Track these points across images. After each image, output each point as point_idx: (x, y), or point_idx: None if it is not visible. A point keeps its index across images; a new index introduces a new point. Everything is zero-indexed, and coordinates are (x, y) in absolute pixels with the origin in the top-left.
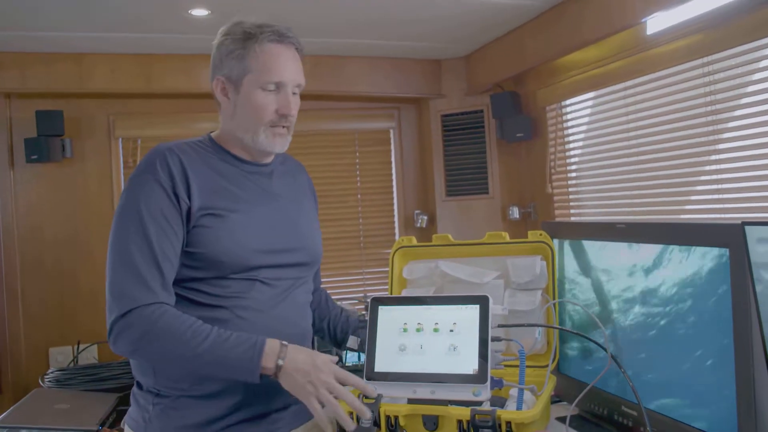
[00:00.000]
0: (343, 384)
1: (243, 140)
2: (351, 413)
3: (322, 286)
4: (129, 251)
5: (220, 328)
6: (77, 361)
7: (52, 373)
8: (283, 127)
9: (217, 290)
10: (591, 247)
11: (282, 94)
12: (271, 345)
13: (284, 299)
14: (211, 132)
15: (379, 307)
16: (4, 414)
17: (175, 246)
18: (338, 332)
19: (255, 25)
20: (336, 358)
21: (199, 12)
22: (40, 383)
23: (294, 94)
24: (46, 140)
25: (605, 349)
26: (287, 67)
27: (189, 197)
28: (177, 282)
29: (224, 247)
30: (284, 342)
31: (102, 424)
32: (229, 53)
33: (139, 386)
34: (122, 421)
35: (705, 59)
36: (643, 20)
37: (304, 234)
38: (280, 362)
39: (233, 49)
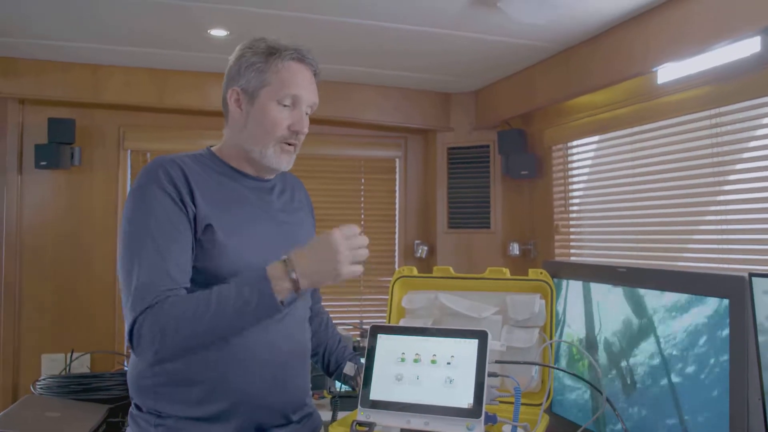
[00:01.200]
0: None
1: (250, 153)
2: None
3: (324, 308)
4: (139, 259)
5: (223, 286)
6: (70, 370)
7: (44, 380)
8: (291, 144)
9: None
10: (590, 288)
11: (296, 110)
12: (274, 272)
13: (285, 315)
14: (211, 146)
15: (379, 335)
16: None
17: (185, 251)
18: (332, 362)
19: (278, 43)
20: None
21: (218, 32)
22: (32, 390)
23: (306, 114)
24: (57, 147)
25: (600, 392)
26: (305, 86)
27: (194, 204)
28: None
29: (225, 262)
30: (284, 257)
31: None
32: (249, 65)
33: (138, 408)
34: None
35: (713, 111)
36: (654, 69)
37: None
38: (294, 276)
39: (254, 62)
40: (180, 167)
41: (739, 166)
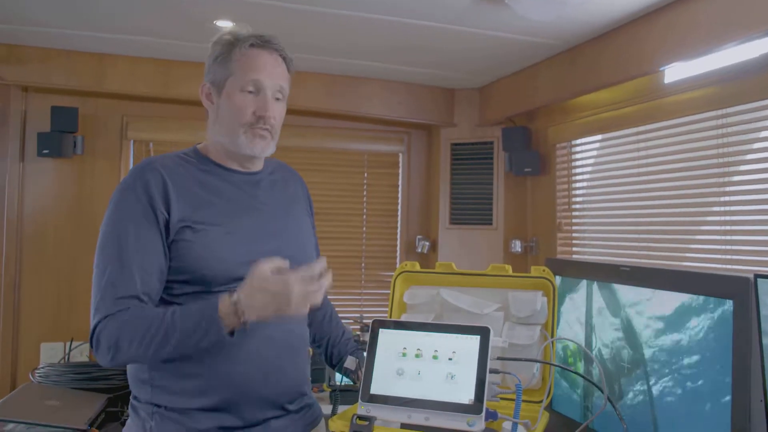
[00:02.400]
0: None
1: (225, 145)
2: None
3: (329, 300)
4: (104, 266)
5: (176, 311)
6: (69, 358)
7: (43, 368)
8: (265, 129)
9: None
10: (594, 287)
11: (261, 95)
12: (224, 308)
13: None
14: (198, 144)
15: (380, 329)
16: None
17: (154, 257)
18: (335, 354)
19: (240, 33)
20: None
21: (224, 23)
22: (30, 378)
23: (278, 99)
24: (59, 136)
25: (601, 390)
26: (266, 70)
27: (168, 211)
28: (168, 297)
29: (206, 260)
30: (233, 296)
31: (91, 424)
32: (214, 59)
33: (137, 399)
34: None
35: (719, 111)
36: (662, 69)
37: (292, 242)
38: (243, 320)
39: (218, 54)
40: (160, 173)
41: (744, 167)
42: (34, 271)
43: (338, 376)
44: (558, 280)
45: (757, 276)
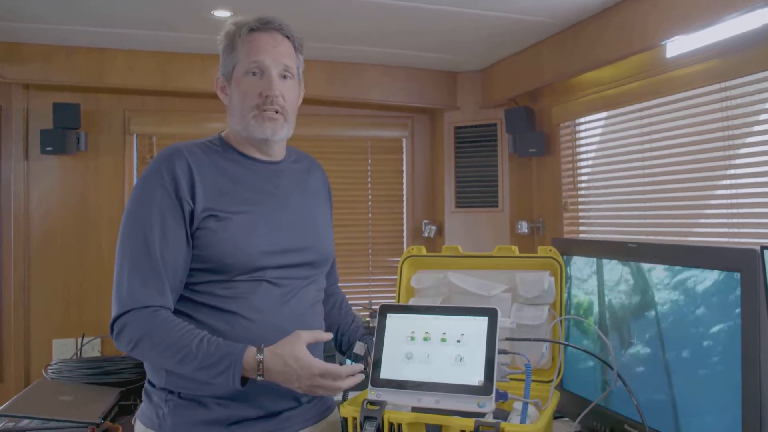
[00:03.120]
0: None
1: (241, 133)
2: (355, 418)
3: (340, 288)
4: (131, 254)
5: (204, 340)
6: (81, 354)
7: (55, 364)
8: (276, 112)
9: (226, 292)
10: (601, 265)
11: (265, 76)
12: (248, 362)
13: (292, 298)
14: (222, 132)
15: (388, 314)
16: (7, 403)
17: (178, 250)
18: (344, 341)
19: (240, 19)
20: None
21: (222, 13)
22: (43, 374)
23: (285, 77)
24: (62, 132)
25: (611, 367)
26: (266, 50)
27: (193, 199)
28: (187, 285)
29: (229, 249)
30: (260, 356)
31: (104, 418)
32: (222, 51)
33: (152, 384)
34: (133, 417)
35: (722, 84)
36: (663, 43)
37: (312, 233)
38: (260, 378)
39: (224, 46)
40: (186, 159)
41: (749, 140)
42: (43, 269)
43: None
44: (566, 259)
45: (764, 247)
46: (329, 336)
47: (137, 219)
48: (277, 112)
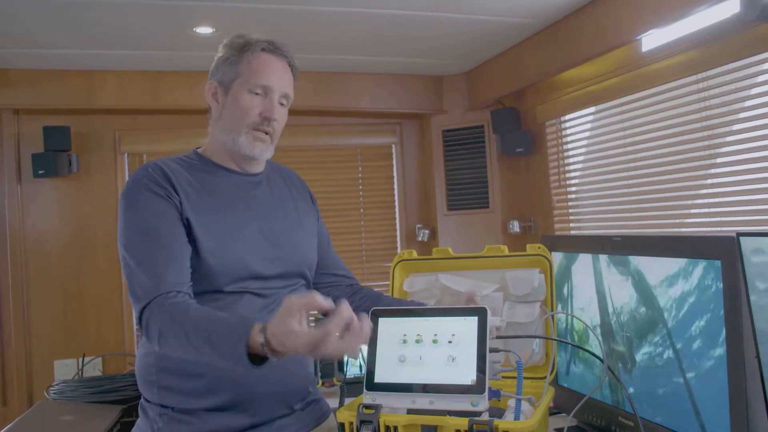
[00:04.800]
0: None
1: (226, 144)
2: (352, 423)
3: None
4: (135, 252)
5: (217, 320)
6: (82, 374)
7: (57, 385)
8: (266, 133)
9: (209, 304)
10: (588, 259)
11: (268, 99)
12: (253, 340)
13: (277, 307)
14: (198, 148)
15: (379, 318)
16: (9, 426)
17: (183, 244)
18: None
19: (252, 37)
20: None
21: (204, 30)
22: (45, 395)
23: (282, 105)
24: (53, 155)
25: (602, 360)
26: (275, 75)
27: (180, 202)
28: None
29: (209, 261)
30: (260, 338)
31: None
32: (225, 60)
33: (147, 400)
34: None
35: (700, 75)
36: (638, 37)
37: (292, 243)
38: (277, 355)
39: (229, 55)
40: (163, 170)
41: (727, 129)
42: (41, 291)
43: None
44: (560, 256)
45: (739, 234)
46: (325, 303)
47: (133, 221)
48: (267, 133)
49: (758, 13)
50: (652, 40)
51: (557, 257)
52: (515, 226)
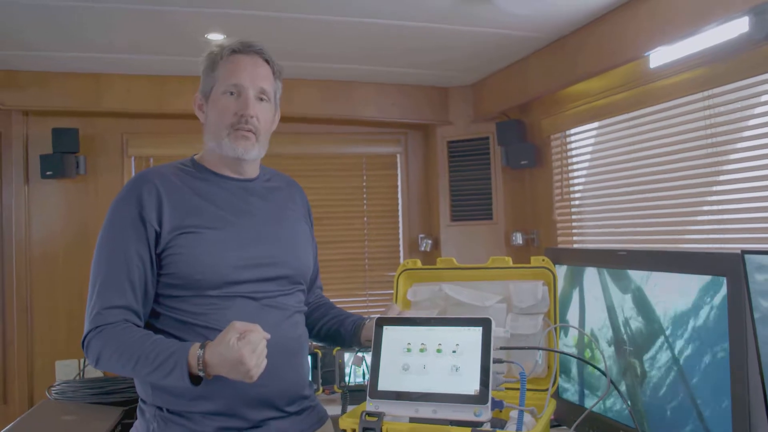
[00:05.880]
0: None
1: (214, 150)
2: (354, 430)
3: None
4: (98, 276)
5: (156, 342)
6: (83, 374)
7: (58, 385)
8: (248, 130)
9: (200, 308)
10: (592, 273)
11: (242, 96)
12: (191, 360)
13: (270, 311)
14: (195, 155)
15: (384, 327)
16: (11, 425)
17: (142, 269)
18: (348, 332)
19: (224, 43)
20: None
21: (215, 36)
22: (47, 395)
23: (261, 100)
24: (61, 157)
25: (604, 374)
26: (246, 72)
27: (159, 223)
28: (160, 302)
29: (199, 265)
30: (200, 351)
31: None
32: (204, 71)
33: (143, 401)
34: None
35: (706, 93)
36: (646, 54)
37: (285, 247)
38: (201, 373)
39: (205, 67)
40: (153, 183)
41: (733, 146)
42: (45, 291)
43: (347, 377)
44: (564, 269)
45: (744, 252)
46: (266, 335)
47: (102, 243)
48: (250, 131)
49: (766, 33)
50: (660, 56)
51: (563, 270)
52: (518, 238)
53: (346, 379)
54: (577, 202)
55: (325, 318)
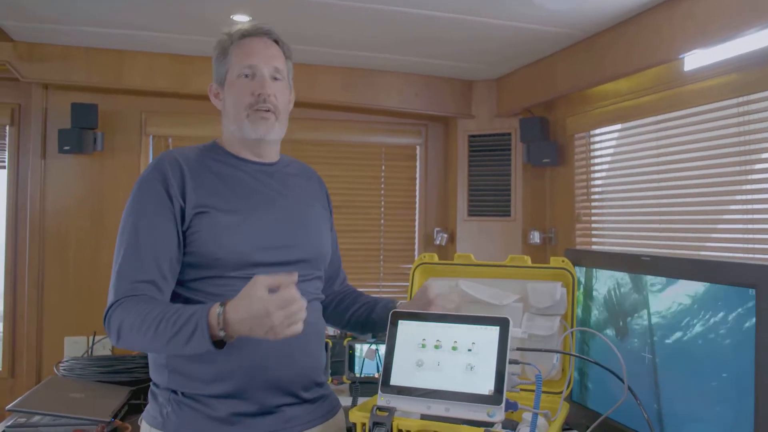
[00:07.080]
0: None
1: (234, 133)
2: (364, 424)
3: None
4: (123, 249)
5: (176, 309)
6: (92, 352)
7: (67, 361)
8: (266, 110)
9: (220, 289)
10: (614, 277)
11: (257, 77)
12: (212, 321)
13: None
14: (216, 139)
15: (399, 321)
16: (19, 399)
17: (169, 243)
18: (377, 316)
19: (233, 29)
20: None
21: (241, 18)
22: (55, 371)
23: (276, 79)
24: (80, 132)
25: (622, 380)
26: (258, 52)
27: (184, 198)
28: (181, 282)
29: (220, 244)
30: (219, 309)
31: (114, 416)
32: (216, 60)
33: (156, 384)
34: (140, 418)
35: (740, 99)
36: (681, 56)
37: (305, 231)
38: (222, 334)
39: (218, 54)
40: (178, 161)
41: (765, 155)
42: (57, 267)
43: (357, 368)
44: (582, 271)
45: None
46: (293, 278)
47: (128, 219)
48: (269, 111)
49: None
50: (695, 60)
51: (582, 271)
52: (536, 237)
53: (356, 369)
54: (597, 204)
55: (356, 305)
